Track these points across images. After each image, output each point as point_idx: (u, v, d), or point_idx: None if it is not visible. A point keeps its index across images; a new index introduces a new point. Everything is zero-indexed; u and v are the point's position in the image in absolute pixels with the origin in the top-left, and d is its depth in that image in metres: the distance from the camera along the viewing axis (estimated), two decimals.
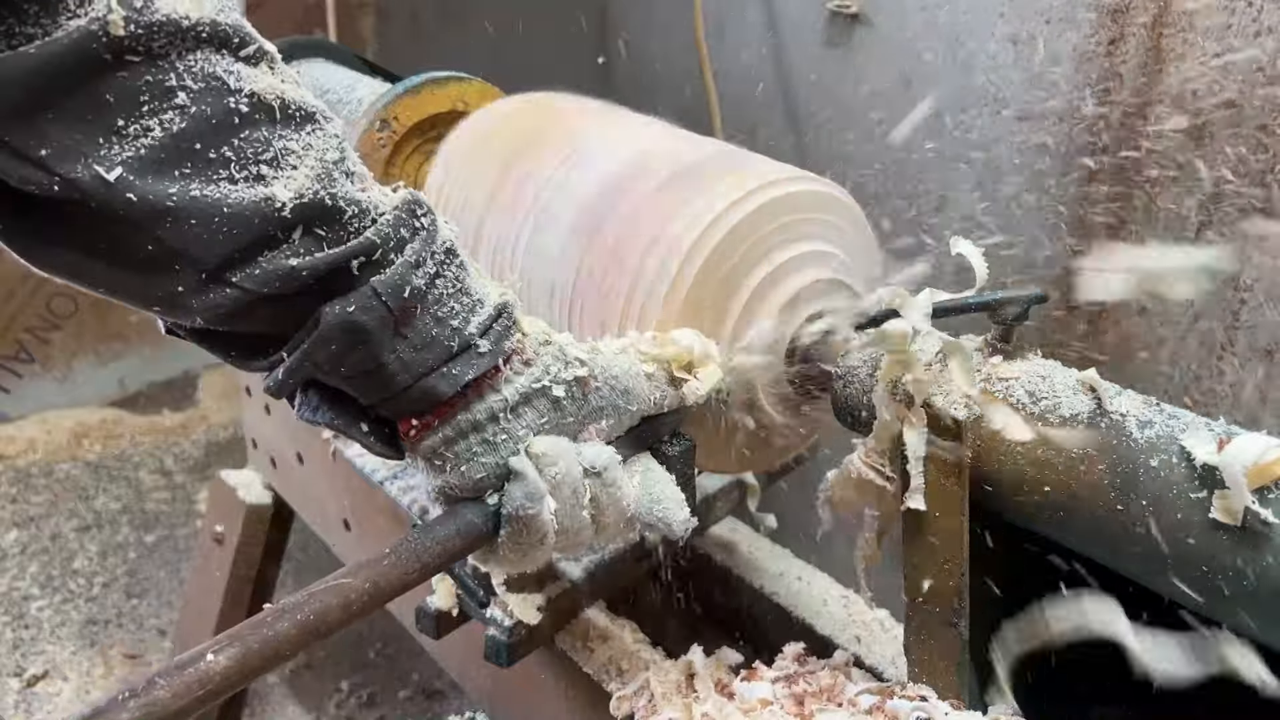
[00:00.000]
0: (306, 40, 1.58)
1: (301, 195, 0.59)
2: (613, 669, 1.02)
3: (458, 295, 0.68)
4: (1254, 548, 0.62)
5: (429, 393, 0.68)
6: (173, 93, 0.55)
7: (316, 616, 0.60)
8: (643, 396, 0.78)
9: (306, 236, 0.61)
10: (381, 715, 2.13)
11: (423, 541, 0.67)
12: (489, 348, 0.69)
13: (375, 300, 0.63)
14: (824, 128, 1.89)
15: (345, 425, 0.70)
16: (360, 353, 0.65)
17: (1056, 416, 0.73)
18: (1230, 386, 1.39)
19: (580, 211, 0.97)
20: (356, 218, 0.63)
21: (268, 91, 0.59)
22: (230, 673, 0.55)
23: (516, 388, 0.71)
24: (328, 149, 0.62)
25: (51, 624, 2.27)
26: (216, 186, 0.57)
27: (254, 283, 0.59)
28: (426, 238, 0.66)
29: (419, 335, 0.66)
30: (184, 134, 0.55)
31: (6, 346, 2.98)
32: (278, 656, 0.58)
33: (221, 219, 0.57)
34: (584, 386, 0.74)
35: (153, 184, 0.55)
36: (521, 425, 0.71)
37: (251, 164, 0.58)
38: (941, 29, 1.63)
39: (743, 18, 1.97)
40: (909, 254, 1.01)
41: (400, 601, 1.35)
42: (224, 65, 0.57)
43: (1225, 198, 1.34)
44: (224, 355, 0.67)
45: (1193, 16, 1.31)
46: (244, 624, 0.58)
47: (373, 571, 0.64)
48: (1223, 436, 0.66)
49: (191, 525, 2.64)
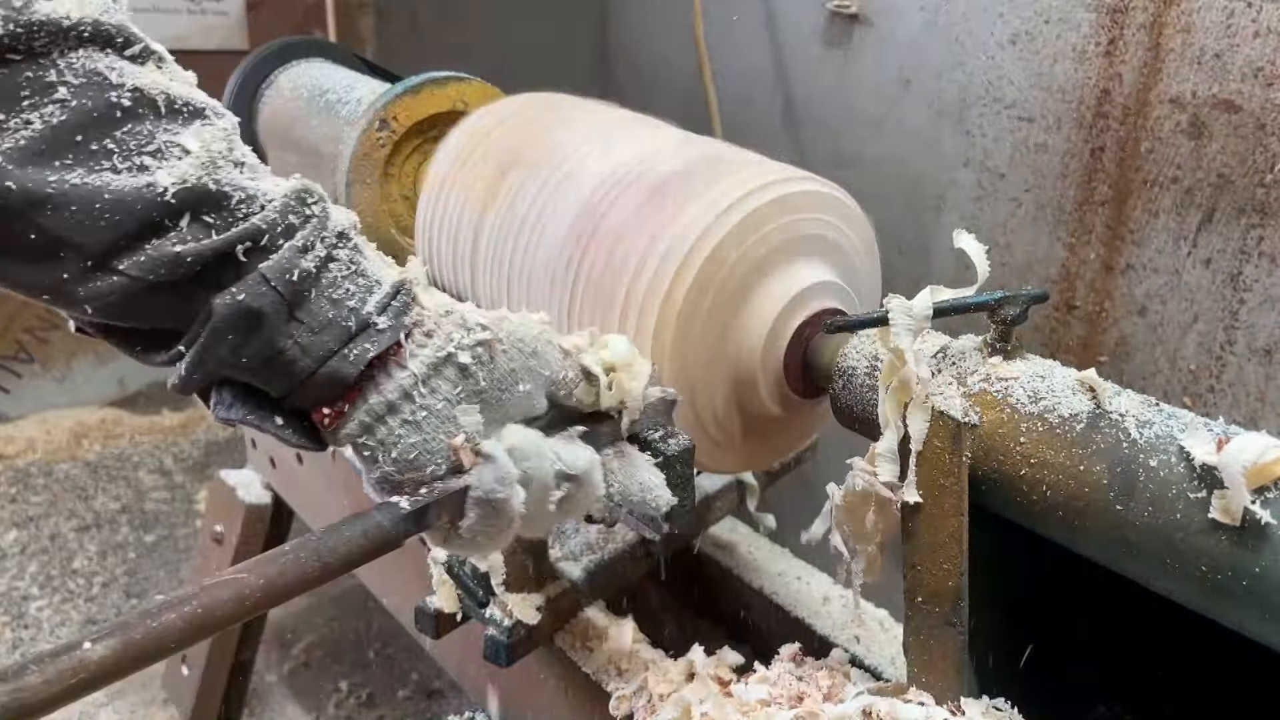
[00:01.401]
0: (306, 40, 1.58)
1: (185, 180, 0.60)
2: (612, 669, 1.02)
3: (353, 277, 0.68)
4: (1253, 548, 0.62)
5: (333, 375, 0.67)
6: (53, 88, 0.56)
7: (205, 610, 0.59)
8: (552, 362, 0.77)
9: (194, 224, 0.61)
10: (381, 715, 2.13)
11: (326, 541, 0.66)
12: (388, 324, 0.69)
13: (264, 285, 0.63)
14: (824, 128, 1.89)
15: (260, 420, 0.70)
16: (257, 341, 0.65)
17: (1056, 416, 0.73)
18: (1230, 386, 1.39)
19: (578, 214, 0.97)
20: (243, 203, 0.63)
21: (151, 87, 0.60)
22: (107, 662, 0.54)
23: (422, 360, 0.70)
24: (214, 140, 0.63)
25: (51, 624, 2.27)
26: (98, 175, 0.58)
27: (139, 270, 0.60)
28: (318, 224, 0.66)
29: (314, 319, 0.66)
30: (64, 126, 0.57)
31: (6, 346, 2.98)
32: (161, 649, 0.57)
33: (103, 205, 0.58)
34: (490, 349, 0.73)
35: (32, 173, 0.56)
36: (439, 399, 0.70)
37: (135, 155, 0.59)
38: (941, 29, 1.63)
39: (742, 18, 1.97)
40: (909, 254, 1.00)
41: (400, 601, 1.35)
42: (106, 62, 0.58)
43: (1225, 198, 1.34)
44: (129, 350, 0.67)
45: (1192, 16, 1.31)
46: (130, 613, 0.57)
47: (270, 568, 0.63)
48: (1222, 436, 0.66)
49: (191, 525, 2.64)
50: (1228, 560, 0.63)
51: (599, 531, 1.12)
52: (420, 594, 1.05)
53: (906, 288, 0.83)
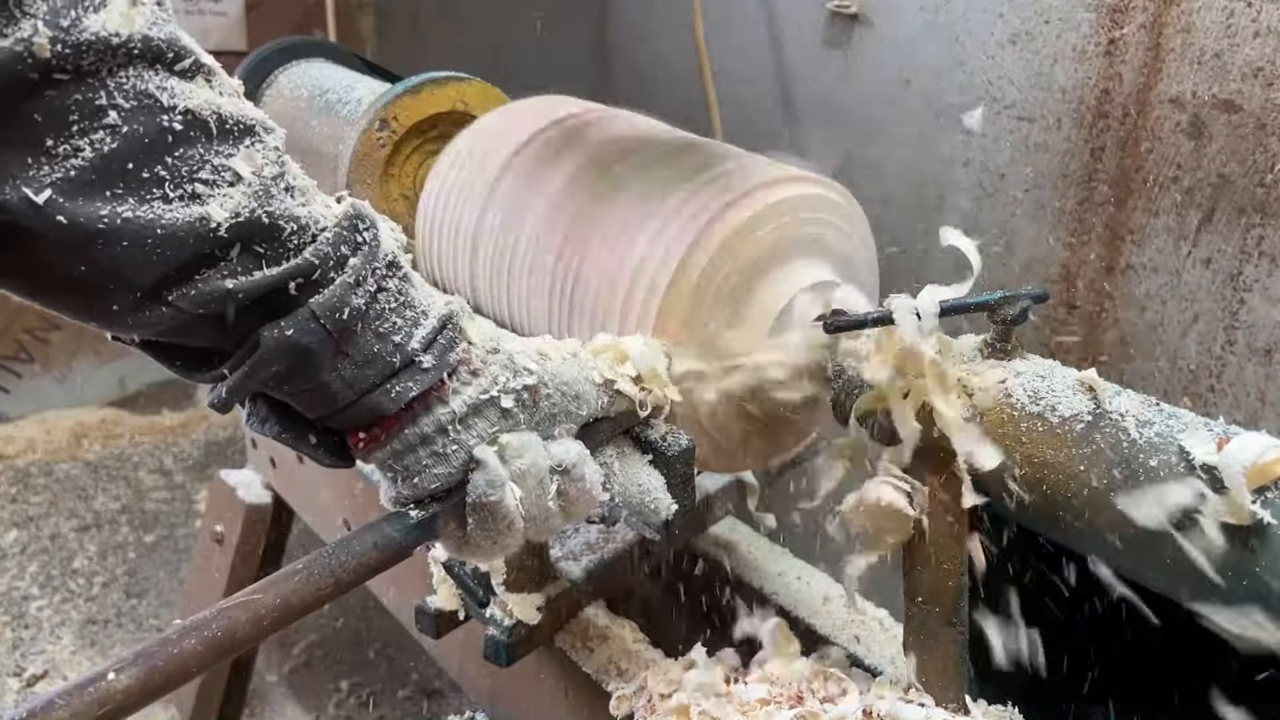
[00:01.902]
0: (306, 40, 1.58)
1: (238, 214, 0.59)
2: (612, 669, 1.02)
3: (400, 310, 0.67)
4: (1254, 548, 0.62)
5: (373, 409, 0.68)
6: (103, 112, 0.54)
7: (225, 633, 0.59)
8: (592, 401, 0.78)
9: (244, 254, 0.60)
10: (381, 715, 2.13)
11: (338, 557, 0.66)
12: (433, 362, 0.68)
13: (314, 322, 0.62)
14: (824, 128, 1.89)
15: (293, 438, 0.70)
16: (301, 373, 0.64)
17: (1056, 416, 0.73)
18: (1230, 386, 1.39)
19: (577, 214, 0.97)
20: (295, 234, 0.62)
21: (203, 107, 0.58)
22: (133, 691, 0.54)
23: (464, 399, 0.70)
24: (266, 164, 0.61)
25: (51, 624, 2.27)
26: (150, 207, 0.56)
27: (189, 303, 0.59)
28: (368, 253, 0.65)
29: (360, 353, 0.66)
30: (115, 154, 0.54)
31: (6, 346, 2.98)
32: (184, 674, 0.57)
33: (155, 240, 0.56)
34: (534, 394, 0.74)
35: (83, 206, 0.54)
36: (472, 436, 0.71)
37: (186, 183, 0.57)
38: (941, 29, 1.63)
39: (743, 18, 1.97)
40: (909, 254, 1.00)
41: (400, 601, 1.35)
42: (156, 82, 0.56)
43: (1225, 198, 1.34)
44: (169, 364, 0.66)
45: (1192, 16, 1.31)
46: (150, 641, 0.57)
47: (284, 587, 0.63)
48: (1222, 436, 0.66)
49: (191, 525, 2.64)
50: (1228, 560, 0.63)
51: (599, 531, 1.12)
52: (420, 593, 1.05)
53: (907, 288, 0.83)
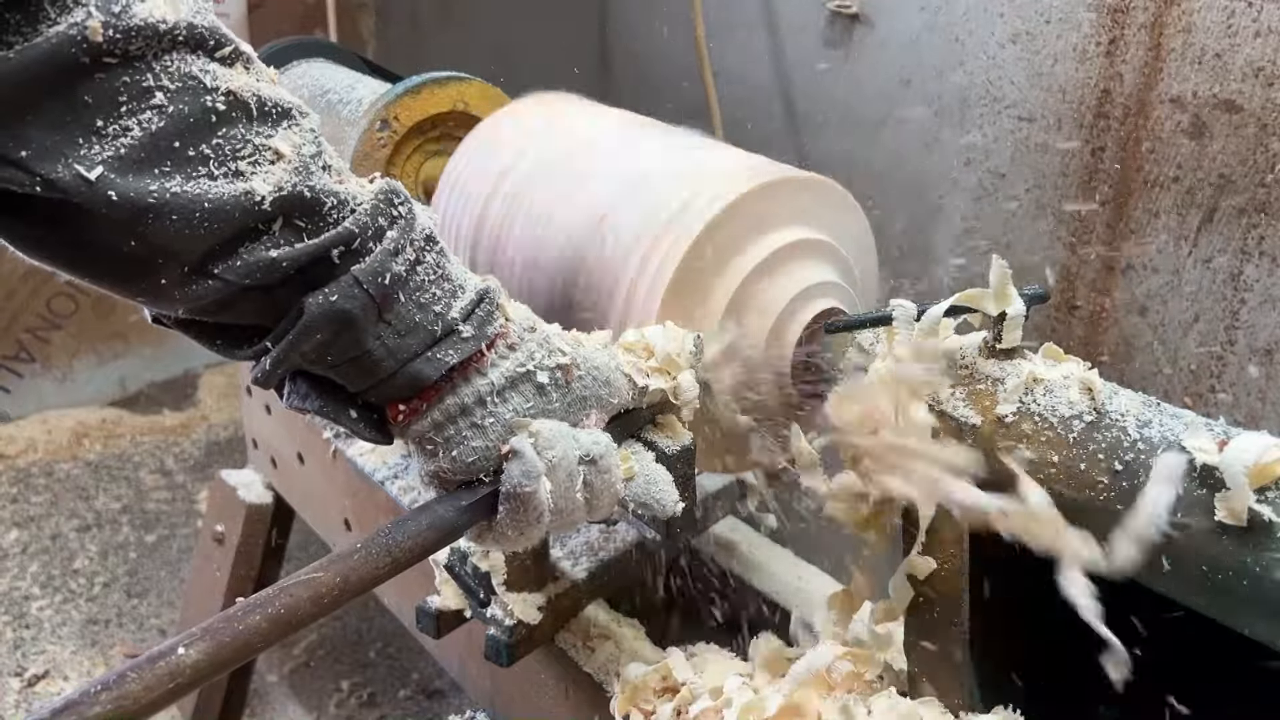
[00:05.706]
0: (306, 40, 1.58)
1: (280, 189, 0.61)
2: (613, 669, 1.02)
3: (439, 281, 0.69)
4: (1255, 548, 0.62)
5: (415, 377, 0.69)
6: (150, 93, 0.56)
7: (288, 610, 0.61)
8: (622, 391, 0.80)
9: (286, 228, 0.62)
10: (381, 715, 2.13)
11: (394, 536, 0.68)
12: (472, 332, 0.70)
13: (357, 288, 0.64)
14: (824, 128, 1.89)
15: (334, 412, 0.71)
16: (345, 341, 0.66)
17: (1056, 416, 0.73)
18: (1230, 386, 1.39)
19: (575, 214, 0.97)
20: (335, 209, 0.64)
21: (244, 90, 0.60)
22: (201, 665, 0.56)
23: (502, 371, 0.72)
24: (304, 144, 0.63)
25: (52, 624, 2.27)
26: (196, 183, 0.58)
27: (236, 274, 0.61)
28: (405, 225, 0.67)
29: (402, 321, 0.67)
30: (162, 133, 0.57)
31: (7, 346, 2.98)
32: (249, 649, 0.59)
33: (202, 214, 0.58)
34: (567, 374, 0.75)
35: (133, 182, 0.56)
36: (508, 410, 0.72)
37: (230, 160, 0.60)
38: (941, 29, 1.63)
39: (743, 18, 1.97)
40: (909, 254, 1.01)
41: (401, 601, 1.35)
42: (200, 65, 0.59)
43: (1225, 198, 1.34)
44: (209, 344, 0.68)
45: (1193, 16, 1.31)
46: (216, 617, 0.59)
47: (343, 566, 0.65)
48: (1222, 436, 0.66)
49: (192, 525, 2.64)
50: (1229, 561, 0.63)
51: (599, 531, 1.12)
52: (421, 593, 1.05)
53: (907, 288, 0.83)
